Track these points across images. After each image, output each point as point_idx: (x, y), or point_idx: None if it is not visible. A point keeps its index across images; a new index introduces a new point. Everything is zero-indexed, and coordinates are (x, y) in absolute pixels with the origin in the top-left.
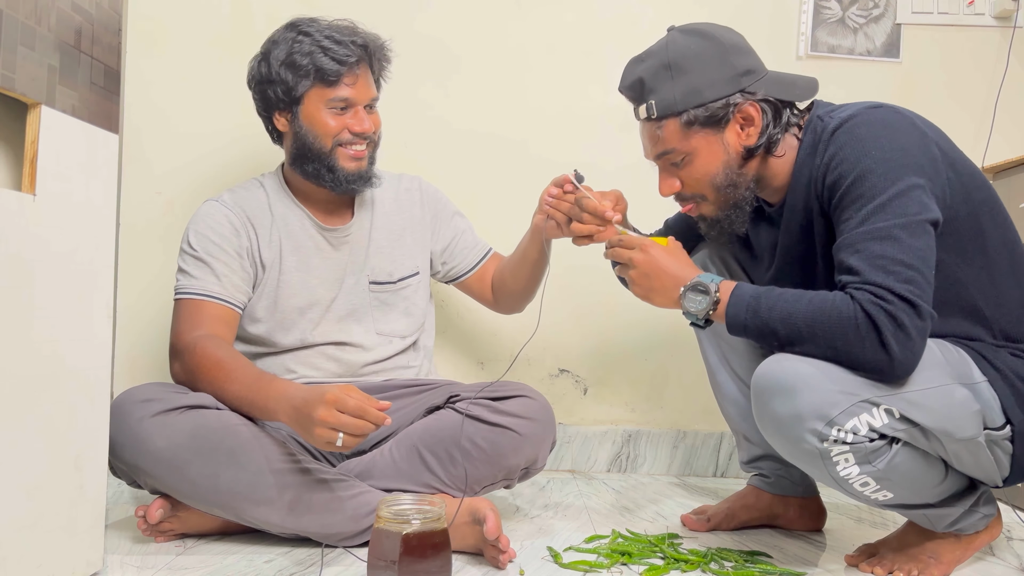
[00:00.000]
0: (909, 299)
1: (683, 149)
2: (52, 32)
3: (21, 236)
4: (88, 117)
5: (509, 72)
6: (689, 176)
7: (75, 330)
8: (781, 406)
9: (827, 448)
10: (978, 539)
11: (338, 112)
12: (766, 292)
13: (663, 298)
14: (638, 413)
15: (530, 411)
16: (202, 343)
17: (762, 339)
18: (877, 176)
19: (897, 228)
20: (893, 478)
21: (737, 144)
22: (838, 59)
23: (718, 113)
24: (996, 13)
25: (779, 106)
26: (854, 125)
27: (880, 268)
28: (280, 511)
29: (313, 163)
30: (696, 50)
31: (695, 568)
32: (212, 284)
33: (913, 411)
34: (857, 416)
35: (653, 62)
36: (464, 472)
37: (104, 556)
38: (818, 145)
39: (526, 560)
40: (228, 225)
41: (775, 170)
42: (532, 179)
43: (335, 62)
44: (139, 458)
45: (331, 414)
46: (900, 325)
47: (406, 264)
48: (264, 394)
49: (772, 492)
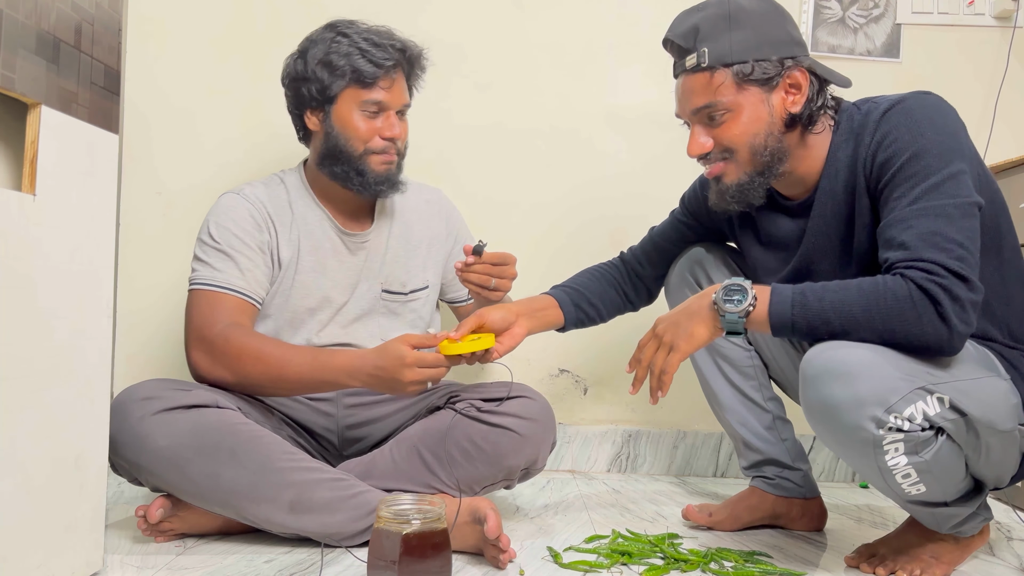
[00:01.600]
0: (961, 274)
1: (728, 103)
2: (52, 32)
3: (21, 236)
4: (88, 117)
5: (509, 71)
6: (727, 132)
7: (75, 330)
8: (840, 391)
9: (882, 436)
10: (973, 543)
11: (370, 115)
12: (808, 287)
13: (700, 324)
14: (638, 413)
15: (530, 411)
16: (235, 333)
17: (811, 334)
18: (932, 156)
19: (950, 207)
20: (934, 471)
21: (782, 109)
22: (838, 59)
23: (770, 71)
24: (996, 13)
25: (823, 83)
26: (908, 108)
27: (933, 244)
28: (280, 510)
29: (342, 165)
30: (757, 7)
31: (695, 568)
32: (235, 278)
33: (963, 400)
34: (914, 403)
35: (712, 11)
36: (464, 472)
37: (104, 556)
38: (861, 129)
39: (526, 560)
40: (250, 219)
41: (808, 151)
42: (533, 177)
43: (372, 64)
44: (140, 456)
45: (417, 373)
46: (955, 297)
47: (419, 277)
48: (332, 368)
49: (775, 493)
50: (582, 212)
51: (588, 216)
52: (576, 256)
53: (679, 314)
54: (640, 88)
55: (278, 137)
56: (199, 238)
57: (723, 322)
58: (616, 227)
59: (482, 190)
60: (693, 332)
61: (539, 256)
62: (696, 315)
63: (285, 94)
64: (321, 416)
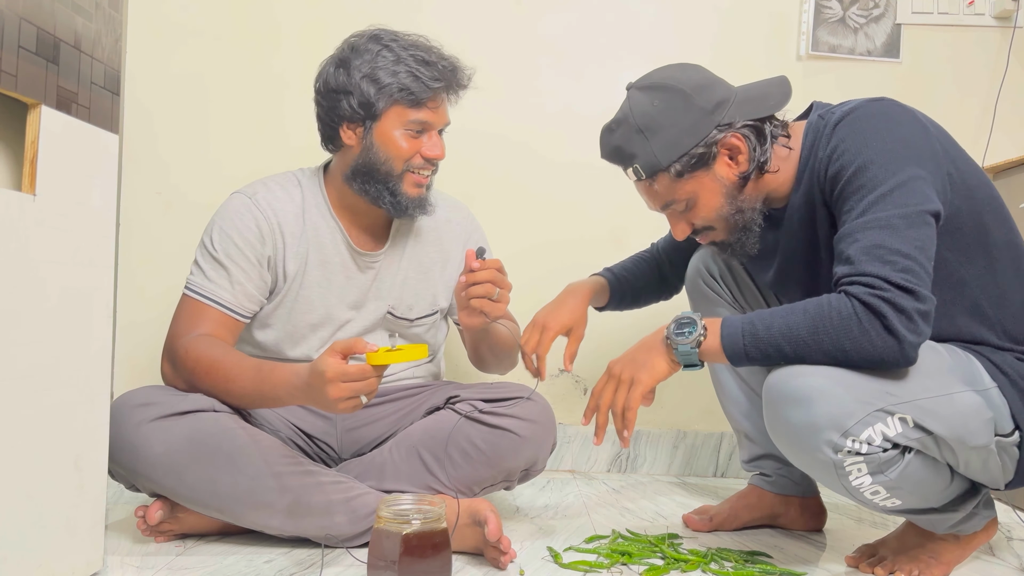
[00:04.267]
0: (905, 286)
1: (682, 197)
2: (52, 32)
3: (21, 236)
4: (88, 117)
5: (508, 72)
6: (696, 216)
7: (75, 330)
8: (796, 416)
9: (841, 459)
10: (976, 539)
11: (413, 135)
12: (756, 315)
13: (658, 357)
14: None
15: (530, 413)
16: (193, 345)
17: (767, 361)
18: (878, 167)
19: (896, 218)
20: (904, 487)
21: (731, 175)
22: (838, 59)
23: (703, 155)
24: (996, 13)
25: (759, 126)
26: (856, 118)
27: (876, 258)
28: (279, 514)
29: (376, 184)
30: (660, 105)
31: (695, 568)
32: (223, 291)
33: (928, 419)
34: (872, 426)
35: (624, 130)
36: (464, 474)
37: (104, 556)
38: (816, 143)
39: (526, 560)
40: (255, 230)
41: (776, 182)
42: (533, 179)
43: (423, 85)
44: (137, 463)
45: (340, 388)
46: (901, 309)
47: (428, 301)
48: (270, 384)
49: (773, 491)
50: (583, 211)
51: (589, 216)
52: (576, 255)
53: (635, 351)
54: None
55: (279, 137)
56: (202, 239)
57: (677, 355)
58: (616, 225)
59: (482, 190)
60: (653, 365)
61: (539, 255)
62: (653, 349)
63: (318, 101)
64: (320, 418)
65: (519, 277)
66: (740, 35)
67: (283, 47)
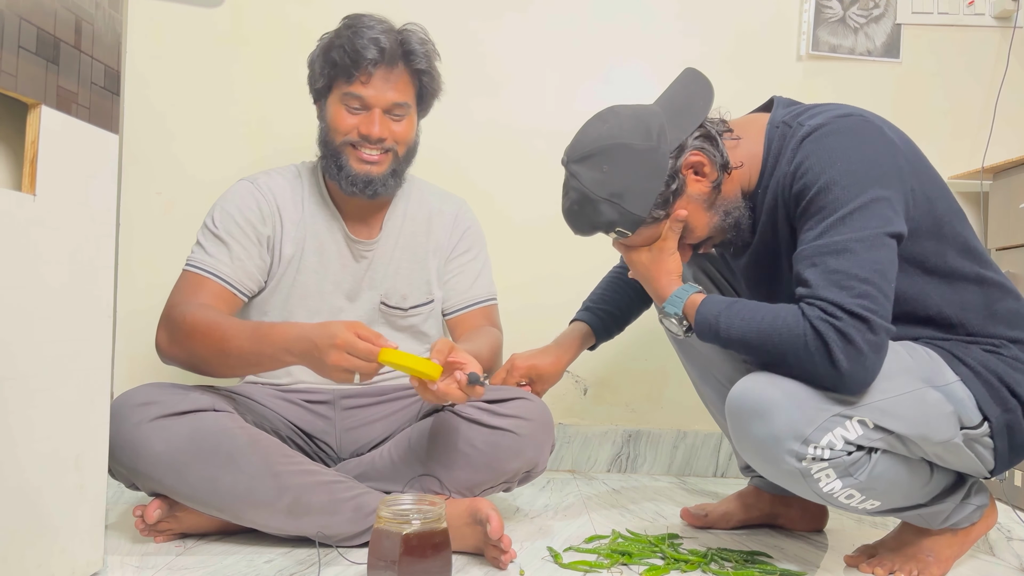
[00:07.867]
0: (860, 314)
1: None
2: (52, 32)
3: (21, 236)
4: (88, 117)
5: (509, 70)
6: (692, 236)
7: (75, 330)
8: (757, 429)
9: (806, 467)
10: (974, 531)
11: (353, 110)
12: (727, 310)
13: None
14: (638, 413)
15: (528, 412)
16: (191, 311)
17: (729, 347)
18: (840, 188)
19: (854, 242)
20: (878, 487)
21: (704, 188)
22: (838, 59)
23: (672, 188)
24: (996, 13)
25: (704, 132)
26: (822, 134)
27: (833, 283)
28: (279, 514)
29: (326, 158)
30: (610, 169)
31: (695, 568)
32: (223, 265)
33: (886, 419)
34: (831, 431)
35: (590, 205)
36: (463, 476)
37: (104, 556)
38: (780, 155)
39: (526, 560)
40: (255, 210)
41: (746, 176)
42: (535, 175)
43: (349, 57)
44: (137, 462)
45: (343, 358)
46: (849, 340)
47: (422, 291)
48: (269, 342)
49: (773, 492)
50: None
51: None
52: (576, 254)
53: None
54: (641, 88)
55: (279, 136)
56: (204, 221)
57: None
58: None
59: (482, 189)
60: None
61: (539, 255)
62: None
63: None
64: (319, 419)
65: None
66: (740, 35)
67: (284, 46)
